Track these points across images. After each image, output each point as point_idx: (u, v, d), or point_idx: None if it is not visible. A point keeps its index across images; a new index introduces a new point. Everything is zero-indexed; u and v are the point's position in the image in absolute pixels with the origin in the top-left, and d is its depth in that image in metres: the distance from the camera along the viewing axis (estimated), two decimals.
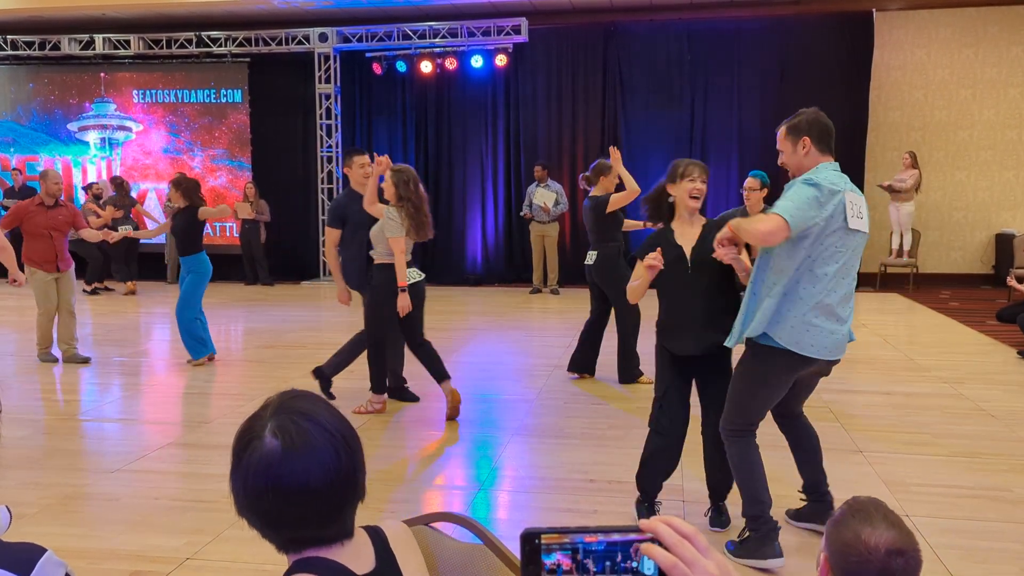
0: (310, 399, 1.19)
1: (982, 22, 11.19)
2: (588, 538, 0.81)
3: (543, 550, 0.81)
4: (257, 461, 1.11)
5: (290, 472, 1.10)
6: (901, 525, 1.48)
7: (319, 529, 1.15)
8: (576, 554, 0.81)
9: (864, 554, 1.43)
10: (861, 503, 1.53)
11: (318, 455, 1.11)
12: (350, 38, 12.10)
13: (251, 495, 1.12)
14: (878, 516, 1.48)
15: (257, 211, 12.15)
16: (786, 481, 3.83)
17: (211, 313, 9.71)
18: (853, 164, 11.20)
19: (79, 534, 3.51)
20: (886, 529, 1.45)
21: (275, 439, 1.11)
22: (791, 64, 11.33)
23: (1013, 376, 6.25)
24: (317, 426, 1.13)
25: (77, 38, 12.65)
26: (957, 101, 11.40)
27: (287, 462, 1.10)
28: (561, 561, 0.81)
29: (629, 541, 0.81)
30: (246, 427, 1.15)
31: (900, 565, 1.44)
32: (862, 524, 1.46)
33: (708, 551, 0.80)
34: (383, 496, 3.89)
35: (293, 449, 1.11)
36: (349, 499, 1.17)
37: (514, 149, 12.23)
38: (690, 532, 0.80)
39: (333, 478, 1.12)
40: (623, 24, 11.76)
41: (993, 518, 3.61)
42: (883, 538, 1.44)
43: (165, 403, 5.72)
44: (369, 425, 5.06)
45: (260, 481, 1.11)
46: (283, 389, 1.24)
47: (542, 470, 4.30)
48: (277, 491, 1.10)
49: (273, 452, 1.10)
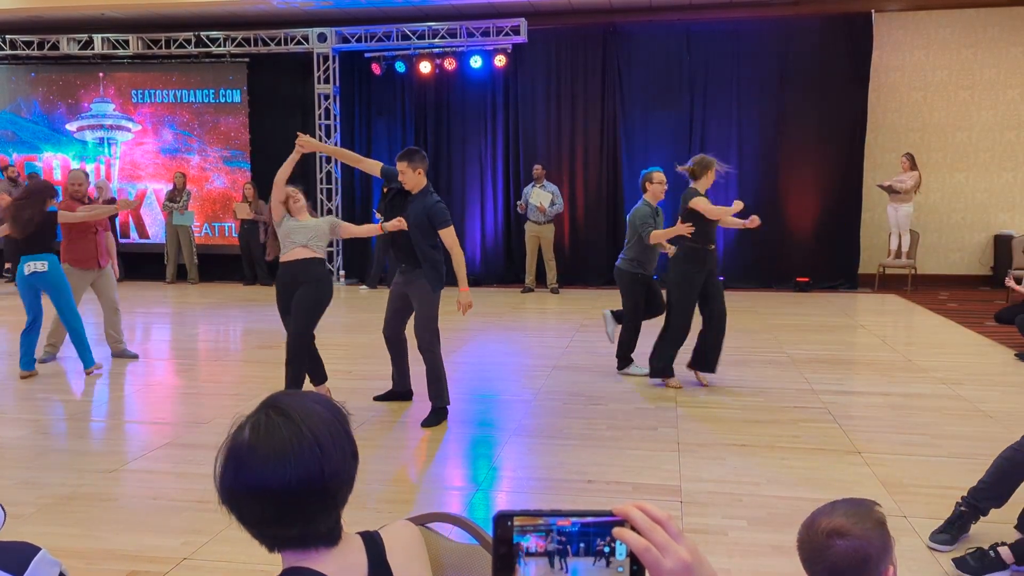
0: (300, 398, 1.16)
1: (981, 23, 11.20)
2: (561, 521, 0.81)
3: (516, 531, 0.81)
4: (228, 451, 1.12)
5: (248, 467, 1.09)
6: (861, 517, 1.49)
7: (282, 529, 1.12)
8: (549, 536, 0.81)
9: (805, 536, 1.48)
10: (832, 503, 1.57)
11: (280, 453, 1.09)
12: (349, 38, 12.10)
13: (220, 485, 1.12)
14: (841, 506, 1.52)
15: (256, 211, 12.15)
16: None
17: (210, 313, 9.72)
18: (852, 165, 11.21)
19: (76, 534, 3.50)
20: (839, 516, 1.49)
21: (248, 432, 1.11)
22: (790, 65, 11.33)
23: (1011, 377, 6.25)
24: (289, 423, 1.11)
25: (76, 38, 12.64)
26: (956, 102, 11.40)
27: (249, 456, 1.09)
28: (535, 542, 0.81)
29: (602, 523, 0.81)
30: (239, 417, 1.16)
31: (839, 547, 1.46)
32: (820, 513, 1.51)
33: (680, 536, 0.80)
34: (381, 496, 3.88)
35: (257, 443, 1.09)
36: (317, 504, 1.12)
37: (513, 150, 12.23)
38: (663, 517, 0.81)
39: (292, 480, 1.08)
40: (622, 25, 11.76)
41: (991, 519, 3.60)
42: (830, 523, 1.48)
43: (162, 403, 5.71)
44: (367, 425, 5.06)
45: (226, 472, 1.11)
46: (281, 388, 1.24)
47: (540, 471, 4.30)
48: (237, 484, 1.10)
49: (241, 443, 1.10)
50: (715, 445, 4.61)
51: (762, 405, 5.49)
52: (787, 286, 11.32)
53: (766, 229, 8.42)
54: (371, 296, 11.22)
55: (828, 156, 11.27)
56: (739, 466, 4.27)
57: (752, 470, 4.23)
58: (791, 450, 4.56)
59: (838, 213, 11.25)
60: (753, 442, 4.66)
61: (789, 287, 11.30)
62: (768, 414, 5.24)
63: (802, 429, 4.89)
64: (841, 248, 11.29)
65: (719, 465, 4.29)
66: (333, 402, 1.20)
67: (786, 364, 6.72)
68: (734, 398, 5.66)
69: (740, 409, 5.36)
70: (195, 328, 8.79)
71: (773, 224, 10.98)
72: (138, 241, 13.22)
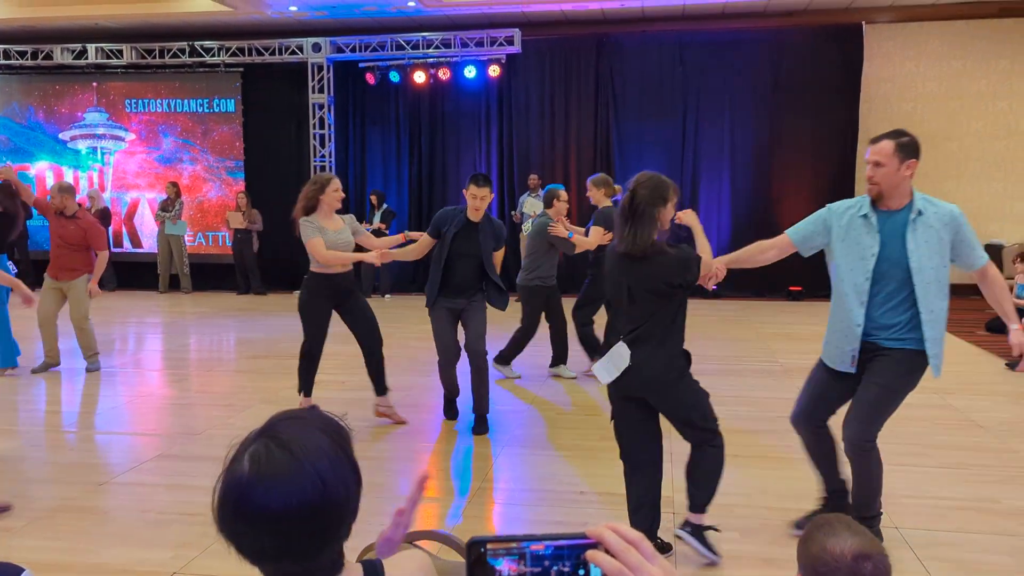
0: (301, 425, 1.13)
1: (970, 35, 11.29)
2: (535, 546, 0.81)
3: (489, 555, 0.81)
4: (227, 483, 1.09)
5: (249, 500, 1.07)
6: (865, 533, 1.53)
7: (280, 563, 1.11)
8: (523, 560, 0.81)
9: (832, 563, 1.49)
10: (825, 518, 1.59)
11: (281, 488, 1.07)
12: (343, 48, 12.13)
13: (219, 516, 1.10)
14: (841, 526, 1.53)
15: (249, 220, 12.14)
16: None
17: (203, 322, 9.70)
18: (843, 174, 11.27)
19: (66, 548, 3.48)
20: (850, 536, 1.50)
21: (247, 463, 1.09)
22: (782, 75, 11.40)
23: (1001, 387, 6.28)
24: (291, 457, 1.08)
25: (70, 47, 12.64)
26: (946, 113, 11.48)
27: (249, 489, 1.07)
28: (508, 567, 0.81)
29: (576, 546, 0.81)
30: (236, 446, 1.13)
31: (868, 569, 1.48)
32: (827, 536, 1.51)
33: (654, 557, 0.80)
34: (375, 508, 3.87)
35: (257, 477, 1.07)
36: (317, 539, 1.10)
37: (507, 159, 12.25)
38: (635, 538, 0.81)
39: (293, 514, 1.07)
40: (615, 35, 11.81)
41: (982, 530, 3.62)
42: (848, 545, 1.49)
43: (155, 414, 5.69)
44: (361, 436, 5.05)
45: (225, 504, 1.09)
46: (274, 399, 1.22)
47: (534, 482, 4.30)
48: (237, 517, 1.08)
49: (241, 477, 1.08)
50: None
51: (754, 415, 5.50)
52: (780, 295, 11.35)
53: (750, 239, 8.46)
54: None
55: (820, 165, 11.33)
56: (731, 477, 4.26)
57: (744, 481, 4.24)
58: (783, 461, 4.56)
59: None
60: (745, 452, 4.66)
61: (782, 296, 11.34)
62: (761, 424, 5.24)
63: (795, 439, 4.86)
64: None
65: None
66: (336, 422, 1.17)
67: (779, 374, 6.74)
68: (726, 408, 5.65)
69: (732, 419, 5.37)
70: (187, 338, 8.76)
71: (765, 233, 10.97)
72: (131, 251, 13.19)
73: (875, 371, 3.26)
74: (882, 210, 3.27)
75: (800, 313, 10.13)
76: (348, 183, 12.70)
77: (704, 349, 7.66)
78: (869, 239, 3.23)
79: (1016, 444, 4.82)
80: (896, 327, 3.22)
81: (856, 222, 3.30)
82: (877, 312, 3.23)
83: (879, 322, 3.24)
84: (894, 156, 3.23)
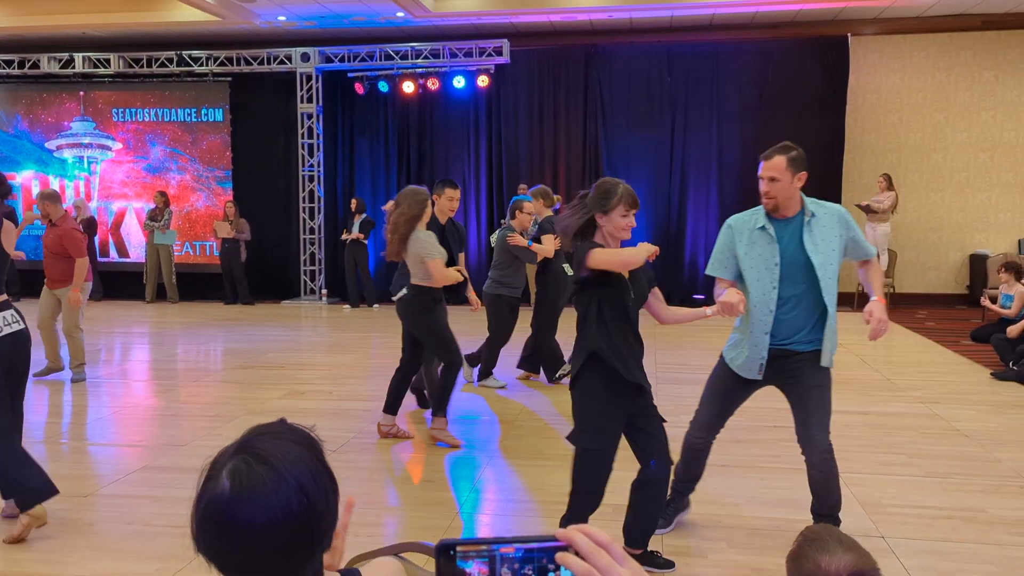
0: (276, 438, 1.13)
1: (954, 47, 11.41)
2: (504, 548, 0.81)
3: (459, 557, 0.81)
4: (207, 501, 1.09)
5: (233, 517, 1.06)
6: (857, 547, 1.49)
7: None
8: (493, 563, 0.81)
9: None
10: (814, 532, 1.54)
11: (264, 502, 1.06)
12: (332, 58, 12.14)
13: (199, 534, 1.10)
14: (833, 542, 1.49)
15: (237, 230, 12.10)
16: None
17: (190, 332, 9.65)
18: (830, 184, 11.35)
19: (49, 560, 3.45)
20: (843, 553, 1.46)
21: (227, 480, 1.08)
22: (769, 86, 11.49)
23: (986, 396, 6.32)
24: (271, 470, 1.08)
25: (57, 56, 12.59)
26: (931, 124, 11.59)
27: (232, 506, 1.06)
28: (479, 569, 0.81)
29: (546, 549, 0.81)
30: (211, 463, 1.13)
31: None
32: (819, 553, 1.47)
33: (624, 559, 0.80)
34: (361, 520, 3.86)
35: (240, 493, 1.07)
36: (302, 551, 1.11)
37: (496, 169, 12.28)
38: (605, 541, 0.81)
39: (279, 528, 1.07)
40: (604, 46, 11.88)
41: (968, 539, 3.64)
42: (842, 562, 1.45)
43: (141, 425, 5.65)
44: (348, 447, 5.03)
45: (207, 522, 1.08)
46: (260, 409, 1.22)
47: (522, 492, 4.29)
48: (220, 534, 1.07)
49: (222, 494, 1.07)
50: None
51: (741, 424, 5.50)
52: None
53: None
54: (353, 315, 11.19)
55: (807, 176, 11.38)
56: (718, 487, 4.28)
57: (731, 491, 4.25)
58: (771, 470, 4.58)
59: None
60: (732, 462, 4.68)
61: None
62: (747, 433, 5.26)
63: (781, 449, 4.91)
64: None
65: (698, 486, 4.29)
66: (309, 435, 1.18)
67: None
68: None
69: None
70: (174, 348, 8.72)
71: None
72: (117, 260, 13.12)
73: (804, 375, 3.36)
74: (778, 219, 3.41)
75: None
76: (336, 194, 12.70)
77: (687, 358, 7.69)
78: (770, 250, 3.36)
79: (1001, 453, 4.85)
80: (807, 329, 3.35)
81: (756, 235, 3.41)
82: (788, 316, 3.34)
83: (792, 325, 3.35)
84: (787, 170, 3.39)
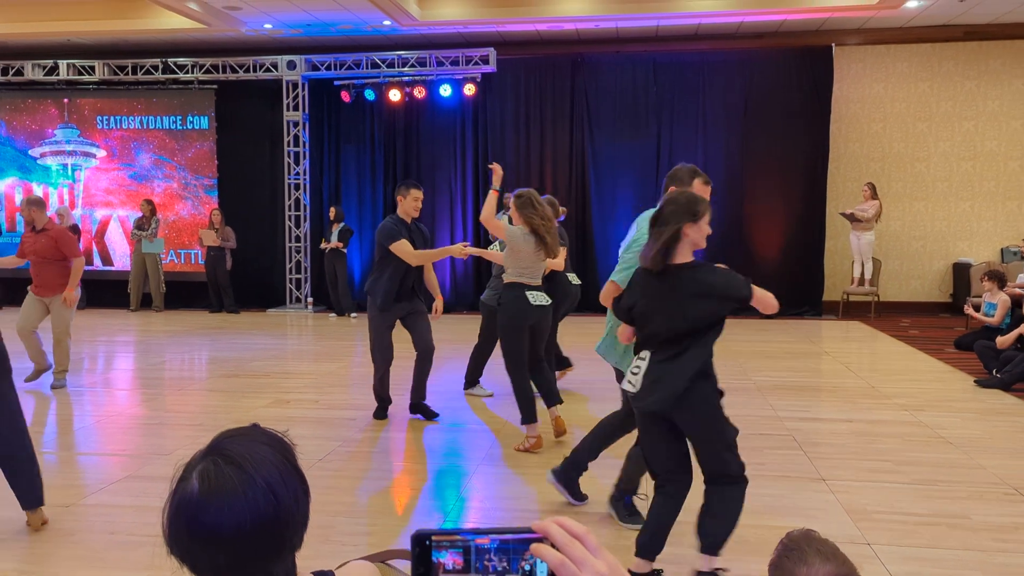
0: (247, 440, 1.14)
1: (937, 58, 11.55)
2: (480, 539, 0.81)
3: (434, 548, 0.80)
4: (177, 503, 1.10)
5: (202, 518, 1.07)
6: (836, 554, 1.48)
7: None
8: (468, 553, 0.81)
9: None
10: (793, 540, 1.53)
11: (233, 502, 1.07)
12: (319, 66, 12.13)
13: (170, 536, 1.11)
14: (811, 551, 1.48)
15: (222, 238, 12.05)
16: None
17: (175, 340, 9.59)
18: (814, 193, 11.44)
19: (31, 571, 3.40)
20: (822, 564, 1.46)
21: (197, 482, 1.09)
22: (754, 96, 11.58)
23: (970, 404, 6.37)
24: (241, 472, 1.09)
25: (41, 63, 12.51)
26: (914, 133, 11.71)
27: (201, 508, 1.08)
28: (453, 559, 0.81)
29: (522, 540, 0.81)
30: (183, 465, 1.14)
31: None
32: (797, 564, 1.46)
33: (599, 551, 0.80)
34: (345, 529, 3.83)
35: (209, 495, 1.08)
36: (272, 551, 1.12)
37: (482, 178, 12.29)
38: (580, 532, 0.81)
39: (247, 529, 1.08)
40: (590, 55, 11.94)
41: (953, 545, 3.65)
42: (820, 573, 1.44)
43: (124, 434, 5.60)
44: (333, 455, 5.00)
45: (177, 523, 1.09)
46: (245, 418, 1.22)
47: (509, 500, 4.28)
48: (190, 535, 1.08)
49: (191, 495, 1.09)
50: None
51: None
52: (752, 313, 11.38)
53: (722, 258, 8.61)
54: (339, 324, 11.15)
55: (792, 185, 11.49)
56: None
57: None
58: (756, 478, 4.57)
59: (802, 241, 11.46)
60: None
61: (754, 314, 11.40)
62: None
63: (767, 456, 4.92)
64: (805, 276, 11.47)
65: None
66: (280, 437, 1.19)
67: (751, 391, 6.78)
68: None
69: None
70: (159, 356, 8.65)
71: (738, 252, 11.13)
72: (101, 268, 13.02)
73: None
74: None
75: (772, 331, 10.22)
76: (322, 202, 12.66)
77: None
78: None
79: (985, 460, 4.88)
80: None
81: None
82: None
83: None
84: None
